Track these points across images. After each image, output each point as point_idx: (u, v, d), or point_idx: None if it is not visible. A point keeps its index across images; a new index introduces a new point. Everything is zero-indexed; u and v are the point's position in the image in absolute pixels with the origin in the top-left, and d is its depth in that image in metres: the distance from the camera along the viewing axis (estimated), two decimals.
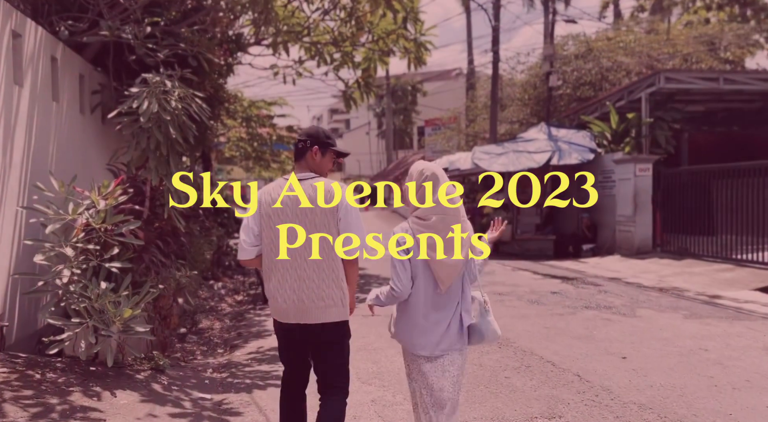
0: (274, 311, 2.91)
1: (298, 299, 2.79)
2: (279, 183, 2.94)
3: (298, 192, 2.83)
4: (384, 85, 42.54)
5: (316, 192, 2.82)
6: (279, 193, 2.86)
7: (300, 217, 2.81)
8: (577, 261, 13.25)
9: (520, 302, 8.43)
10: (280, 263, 2.82)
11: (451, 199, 2.76)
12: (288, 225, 2.80)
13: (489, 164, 14.46)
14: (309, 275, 2.79)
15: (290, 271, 2.81)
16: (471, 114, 22.15)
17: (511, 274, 11.25)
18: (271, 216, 2.83)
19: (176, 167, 5.43)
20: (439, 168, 2.89)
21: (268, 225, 2.84)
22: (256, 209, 2.90)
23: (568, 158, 14.24)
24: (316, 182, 2.86)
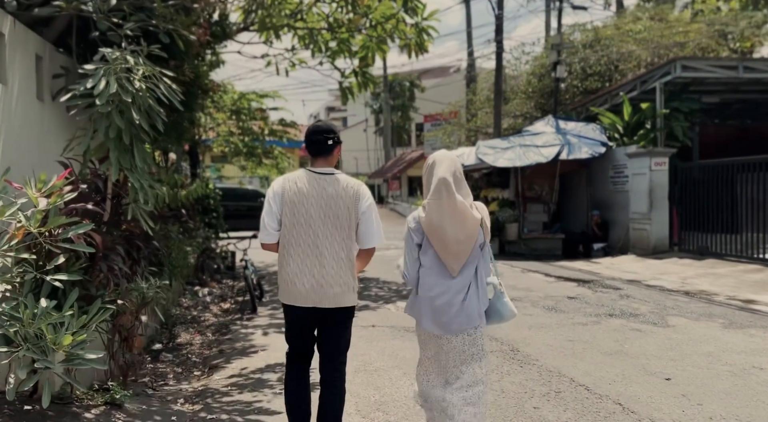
0: (289, 296, 3.04)
1: (318, 284, 2.96)
2: (302, 174, 3.08)
3: (327, 186, 3.03)
4: (381, 81, 41.74)
5: (341, 187, 3.04)
6: (303, 183, 3.03)
7: (324, 208, 3.00)
8: (589, 262, 12.46)
9: (536, 309, 7.63)
10: (300, 249, 2.99)
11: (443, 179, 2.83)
12: (311, 216, 2.99)
13: (494, 159, 13.66)
14: (329, 263, 2.98)
15: (311, 257, 2.98)
16: (473, 108, 21.31)
17: (521, 276, 10.45)
18: (296, 204, 3.00)
19: (142, 159, 4.61)
20: (447, 154, 3.02)
21: (292, 212, 3.00)
22: (280, 194, 3.04)
23: (578, 153, 13.44)
24: (341, 178, 3.08)
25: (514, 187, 14.47)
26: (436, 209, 2.84)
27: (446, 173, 2.87)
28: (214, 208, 11.78)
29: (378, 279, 10.22)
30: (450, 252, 2.83)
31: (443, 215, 2.82)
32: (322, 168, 3.09)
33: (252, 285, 7.84)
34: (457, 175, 2.91)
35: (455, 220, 2.82)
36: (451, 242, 2.81)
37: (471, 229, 2.84)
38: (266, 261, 13.50)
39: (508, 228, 14.09)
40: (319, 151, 3.11)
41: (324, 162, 3.12)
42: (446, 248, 2.83)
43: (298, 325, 3.12)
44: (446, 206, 2.83)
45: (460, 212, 2.83)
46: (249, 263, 8.16)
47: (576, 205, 15.26)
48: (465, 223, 2.83)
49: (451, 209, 2.82)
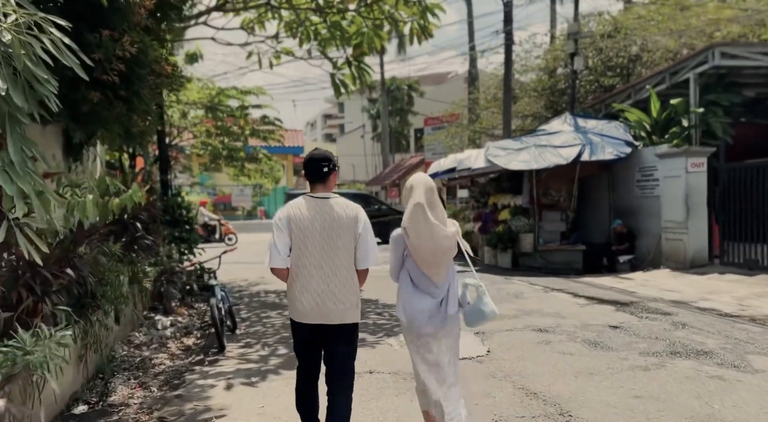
0: (297, 313, 3.27)
1: (322, 303, 3.20)
2: (304, 200, 3.30)
3: (326, 209, 3.26)
4: (379, 85, 40.33)
5: (341, 210, 3.28)
6: (306, 208, 3.26)
7: (326, 231, 3.23)
8: (617, 278, 10.90)
9: (576, 345, 6.07)
10: (305, 270, 3.22)
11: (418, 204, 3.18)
12: (316, 238, 3.21)
13: (507, 161, 12.13)
14: (332, 282, 3.21)
15: (315, 278, 3.21)
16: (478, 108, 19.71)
17: (545, 297, 8.88)
18: (300, 229, 3.23)
19: (18, 150, 3.06)
20: (423, 179, 3.37)
21: (297, 236, 3.23)
22: (286, 220, 3.26)
23: (601, 153, 11.92)
24: (339, 202, 3.31)
25: (527, 193, 12.93)
26: (414, 232, 3.18)
27: (421, 198, 3.19)
28: (187, 220, 10.22)
29: (377, 302, 8.66)
30: (431, 267, 3.22)
31: (421, 237, 3.16)
32: (320, 193, 3.31)
33: (219, 317, 6.28)
34: (432, 199, 3.23)
35: (432, 240, 3.16)
36: (430, 258, 3.20)
37: (446, 245, 3.21)
38: (250, 279, 11.93)
39: (522, 239, 12.54)
40: (316, 178, 3.33)
41: (322, 187, 3.34)
42: (426, 263, 3.21)
43: (305, 341, 3.33)
44: (422, 229, 3.17)
45: (435, 233, 3.17)
46: (217, 289, 6.60)
47: (596, 213, 13.72)
48: (441, 242, 3.18)
49: (427, 231, 3.17)
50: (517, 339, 6.33)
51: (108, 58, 5.23)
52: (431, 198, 3.23)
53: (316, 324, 3.21)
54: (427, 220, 3.15)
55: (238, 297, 9.79)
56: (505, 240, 12.59)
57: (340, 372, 3.32)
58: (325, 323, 3.21)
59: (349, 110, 63.93)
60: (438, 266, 3.21)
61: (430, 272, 3.21)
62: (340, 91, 10.47)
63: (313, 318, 3.20)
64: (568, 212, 13.11)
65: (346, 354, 3.33)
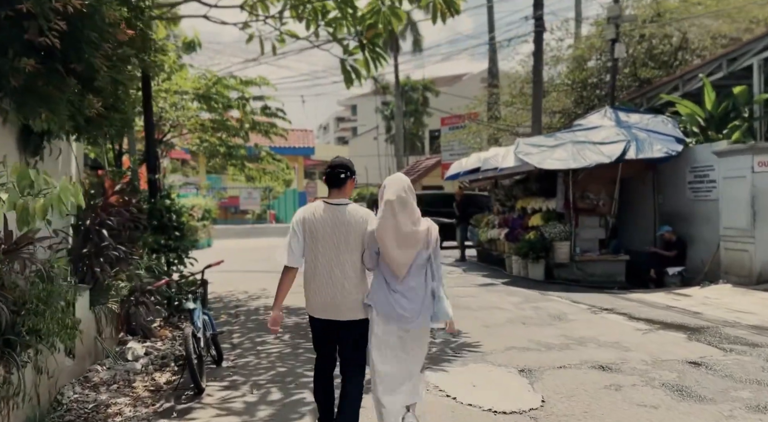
0: (313, 309, 3.56)
1: (334, 301, 3.45)
2: (319, 205, 3.57)
3: (340, 215, 3.50)
4: (392, 85, 39.07)
5: (353, 217, 3.51)
6: (321, 214, 3.51)
7: (337, 234, 3.47)
8: (671, 293, 9.43)
9: (653, 391, 4.66)
10: (318, 270, 3.49)
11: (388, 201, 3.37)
12: (327, 240, 3.46)
13: (540, 159, 10.72)
14: (342, 282, 3.46)
15: (327, 278, 3.46)
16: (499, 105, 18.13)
17: (594, 320, 7.46)
18: (314, 231, 3.48)
19: None
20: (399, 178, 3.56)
21: (311, 238, 3.49)
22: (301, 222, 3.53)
23: (648, 151, 10.47)
24: (352, 208, 3.54)
25: (562, 195, 11.49)
26: (383, 226, 3.36)
27: (392, 196, 3.39)
28: (176, 225, 8.93)
29: None
30: (393, 260, 3.37)
31: (387, 231, 3.35)
32: (336, 199, 3.56)
33: (197, 350, 4.97)
34: (402, 196, 3.40)
35: (398, 234, 3.35)
36: (395, 252, 3.35)
37: (412, 240, 3.39)
38: (251, 291, 10.63)
39: (557, 248, 11.10)
40: (333, 183, 3.59)
41: (338, 193, 3.58)
42: (390, 257, 3.36)
43: (321, 335, 3.63)
44: (390, 224, 3.36)
45: (403, 230, 3.36)
46: (197, 313, 5.29)
47: (638, 218, 12.25)
48: (407, 237, 3.37)
49: (394, 228, 3.36)
50: (577, 382, 4.93)
51: (44, 13, 3.94)
52: (404, 197, 3.41)
53: (331, 320, 3.49)
54: (395, 216, 3.35)
55: (234, 314, 8.48)
56: (538, 249, 11.16)
57: (352, 364, 3.58)
58: (338, 319, 3.48)
59: (362, 113, 62.84)
60: (402, 262, 3.37)
61: (393, 266, 3.38)
62: (352, 79, 9.16)
63: (328, 314, 3.49)
64: (608, 217, 11.64)
65: (357, 347, 3.57)
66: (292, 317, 8.17)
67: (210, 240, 22.44)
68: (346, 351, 3.60)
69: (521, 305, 8.50)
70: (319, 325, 3.56)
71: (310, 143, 28.15)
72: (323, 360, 3.69)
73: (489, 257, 14.19)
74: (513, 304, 8.64)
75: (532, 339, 6.38)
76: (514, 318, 7.63)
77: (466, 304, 8.65)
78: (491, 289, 10.26)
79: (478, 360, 5.68)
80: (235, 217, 30.90)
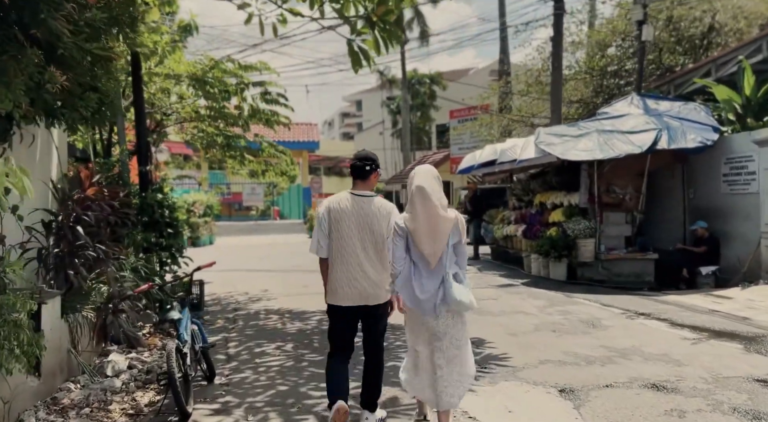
0: (336, 298, 3.65)
1: (361, 287, 3.60)
2: (345, 196, 3.74)
3: (365, 206, 3.67)
4: (399, 79, 38.20)
5: (376, 207, 3.68)
6: (346, 204, 3.67)
7: (363, 225, 3.64)
8: (710, 295, 8.63)
9: (724, 418, 3.90)
10: (343, 258, 3.62)
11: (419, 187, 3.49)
12: (353, 230, 3.62)
13: (563, 150, 9.91)
14: (367, 269, 3.61)
15: (353, 265, 3.61)
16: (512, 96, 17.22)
17: (633, 327, 6.67)
18: (339, 221, 3.65)
19: None
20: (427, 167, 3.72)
21: (336, 228, 3.65)
22: (326, 213, 3.70)
23: (682, 140, 9.65)
24: (377, 200, 3.73)
25: (586, 189, 10.68)
26: (414, 214, 3.49)
27: (423, 183, 3.50)
28: (169, 221, 8.19)
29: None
30: (425, 248, 3.46)
31: (419, 220, 3.46)
32: (361, 190, 3.74)
33: (183, 369, 4.22)
34: (433, 186, 3.52)
35: (429, 222, 3.44)
36: (426, 240, 3.44)
37: (443, 229, 3.47)
38: (252, 292, 9.91)
39: (580, 246, 10.30)
40: (358, 175, 3.76)
41: (363, 185, 3.76)
42: (423, 245, 3.46)
43: (342, 322, 3.73)
44: (421, 212, 3.47)
45: (434, 216, 3.45)
46: (183, 322, 4.54)
47: (665, 213, 11.44)
48: (437, 224, 3.45)
49: (425, 214, 3.46)
50: (631, 406, 4.16)
51: None
52: (433, 185, 3.52)
53: (355, 306, 3.63)
54: (425, 203, 3.46)
55: (232, 319, 7.75)
56: (560, 247, 10.36)
57: (374, 344, 3.81)
58: (364, 304, 3.63)
59: (367, 109, 61.93)
60: (434, 248, 3.45)
61: (428, 254, 3.47)
62: (360, 62, 8.32)
63: (354, 300, 3.62)
64: (634, 212, 10.83)
65: (378, 329, 3.80)
66: (295, 322, 7.43)
67: (212, 237, 21.74)
68: (369, 334, 3.79)
69: (547, 310, 7.72)
70: (343, 312, 3.66)
71: (315, 137, 27.34)
72: (342, 349, 3.78)
73: (504, 255, 13.40)
74: (538, 308, 7.86)
75: (567, 351, 5.61)
76: (541, 324, 6.85)
77: (487, 308, 7.89)
78: (511, 291, 9.48)
79: (509, 376, 4.91)
80: (238, 214, 30.14)
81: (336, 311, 3.69)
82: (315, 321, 7.43)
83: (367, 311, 3.65)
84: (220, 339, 6.56)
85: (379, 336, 3.82)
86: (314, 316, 7.78)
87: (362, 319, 3.73)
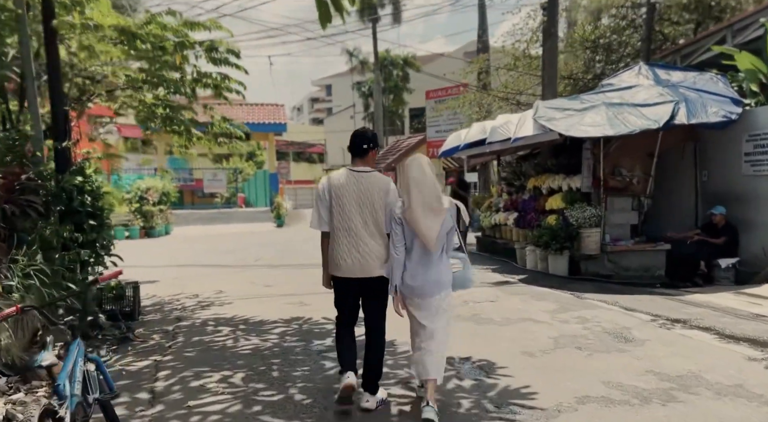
0: (337, 269, 3.80)
1: (362, 258, 3.72)
2: (344, 172, 3.86)
3: (363, 181, 3.78)
4: (370, 62, 36.46)
5: (374, 182, 3.79)
6: (347, 180, 3.80)
7: (362, 199, 3.75)
8: (741, 293, 7.42)
9: None
10: (343, 232, 3.76)
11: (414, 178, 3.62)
12: (352, 204, 3.75)
13: (568, 125, 8.56)
14: (366, 241, 3.73)
15: (353, 237, 3.74)
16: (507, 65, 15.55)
17: (676, 342, 5.33)
18: (339, 196, 3.78)
19: None
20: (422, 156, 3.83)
21: (337, 203, 3.78)
22: (327, 188, 3.83)
23: (702, 114, 8.39)
24: (374, 175, 3.83)
25: (589, 171, 9.38)
26: (409, 205, 3.60)
27: (417, 172, 3.63)
28: (92, 211, 6.53)
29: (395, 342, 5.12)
30: (424, 235, 3.57)
31: (416, 208, 3.57)
32: (359, 167, 3.86)
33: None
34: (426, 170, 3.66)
35: (425, 209, 3.57)
36: (423, 228, 3.55)
37: (439, 216, 3.60)
38: (204, 294, 8.34)
39: (584, 236, 9.00)
40: (357, 153, 3.88)
41: (361, 162, 3.88)
42: (422, 233, 3.56)
43: (344, 293, 3.88)
44: (416, 201, 3.58)
45: (428, 204, 3.58)
46: (65, 370, 3.01)
47: (673, 198, 10.23)
48: (433, 213, 3.59)
49: (421, 202, 3.58)
50: None
51: None
52: (428, 173, 3.65)
53: (357, 278, 3.75)
54: (421, 192, 3.59)
55: (171, 334, 6.18)
56: (562, 238, 9.04)
57: (376, 315, 3.90)
58: (365, 276, 3.74)
59: (337, 93, 59.92)
60: (430, 235, 3.56)
61: (425, 240, 3.58)
62: (330, 15, 6.76)
63: (354, 272, 3.74)
64: (641, 198, 9.58)
65: (378, 300, 3.87)
66: (251, 337, 5.90)
67: (168, 227, 19.91)
68: (369, 304, 3.91)
69: (559, 316, 6.37)
70: (344, 284, 3.84)
71: (282, 118, 25.48)
72: (347, 317, 3.94)
73: (492, 246, 12.07)
74: (548, 313, 6.51)
75: (608, 380, 4.25)
76: (560, 337, 5.49)
77: (487, 313, 6.50)
78: (509, 290, 8.12)
79: None
80: (202, 201, 28.18)
81: (339, 283, 3.86)
82: (276, 336, 5.92)
83: (364, 283, 3.78)
84: (148, 367, 5.00)
85: (379, 318, 3.91)
86: (275, 327, 6.28)
87: (363, 294, 3.87)
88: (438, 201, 3.61)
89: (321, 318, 6.56)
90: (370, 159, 3.90)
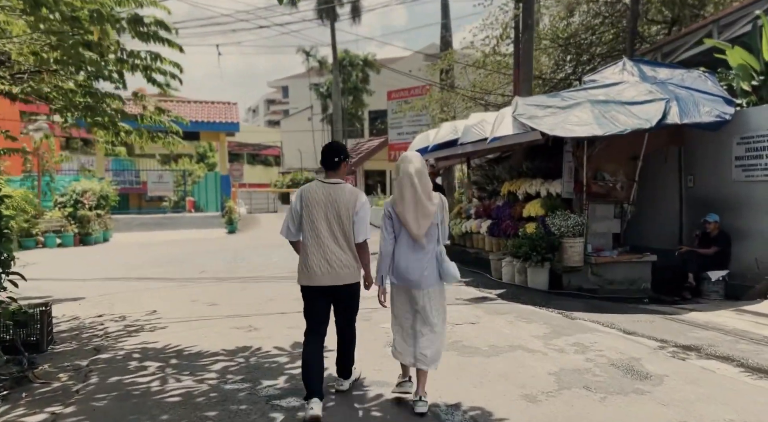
0: (307, 279, 3.88)
1: (330, 267, 3.82)
2: (317, 184, 3.97)
3: (332, 192, 3.89)
4: (328, 62, 35.35)
5: (344, 193, 3.90)
6: (318, 191, 3.91)
7: (332, 210, 3.86)
8: (742, 311, 6.71)
9: None
10: (314, 241, 3.86)
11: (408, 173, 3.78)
12: (322, 215, 3.85)
13: (552, 124, 7.72)
14: (336, 250, 3.84)
15: (322, 247, 3.84)
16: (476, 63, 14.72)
17: (698, 378, 4.48)
18: (310, 207, 3.88)
19: None
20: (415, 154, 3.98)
21: (308, 213, 3.89)
22: (300, 200, 3.93)
23: (695, 114, 7.71)
24: (345, 187, 3.93)
25: (571, 176, 8.60)
26: (403, 198, 3.77)
27: (411, 170, 3.79)
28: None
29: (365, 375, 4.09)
30: (412, 229, 3.76)
31: (408, 203, 3.76)
32: (330, 179, 3.97)
33: None
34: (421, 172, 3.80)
35: (417, 205, 3.74)
36: (413, 222, 3.75)
37: (429, 211, 3.77)
38: (134, 316, 7.08)
39: (566, 247, 8.18)
40: (328, 166, 4.01)
41: (333, 174, 4.00)
42: (410, 227, 3.76)
43: (313, 302, 3.93)
44: (408, 196, 3.76)
45: (420, 199, 3.75)
46: None
47: (656, 205, 9.60)
48: (424, 209, 3.76)
49: (413, 197, 3.75)
50: None
51: None
52: (420, 170, 3.80)
53: (328, 286, 3.84)
54: (413, 188, 3.75)
55: (84, 372, 4.94)
56: (543, 249, 8.20)
57: (346, 320, 4.09)
58: (336, 284, 3.84)
59: (294, 95, 58.45)
60: (420, 229, 3.75)
61: (414, 234, 3.76)
62: None
63: (326, 280, 3.83)
64: (624, 204, 8.86)
65: (349, 307, 4.06)
66: (183, 377, 4.73)
67: (107, 233, 18.25)
68: (340, 311, 4.06)
69: (554, 342, 5.46)
70: (314, 293, 3.90)
71: (234, 117, 24.05)
72: (314, 328, 3.95)
73: (463, 255, 11.16)
74: (539, 339, 5.59)
75: None
76: (560, 372, 4.56)
77: (469, 339, 5.54)
78: (489, 308, 7.18)
79: None
80: (150, 205, 26.35)
81: (307, 291, 3.93)
82: (215, 374, 4.77)
83: (338, 291, 3.89)
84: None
85: (351, 317, 4.11)
86: (215, 362, 5.12)
87: (334, 301, 3.98)
88: (429, 198, 3.78)
89: (273, 348, 5.45)
90: (342, 171, 4.03)
